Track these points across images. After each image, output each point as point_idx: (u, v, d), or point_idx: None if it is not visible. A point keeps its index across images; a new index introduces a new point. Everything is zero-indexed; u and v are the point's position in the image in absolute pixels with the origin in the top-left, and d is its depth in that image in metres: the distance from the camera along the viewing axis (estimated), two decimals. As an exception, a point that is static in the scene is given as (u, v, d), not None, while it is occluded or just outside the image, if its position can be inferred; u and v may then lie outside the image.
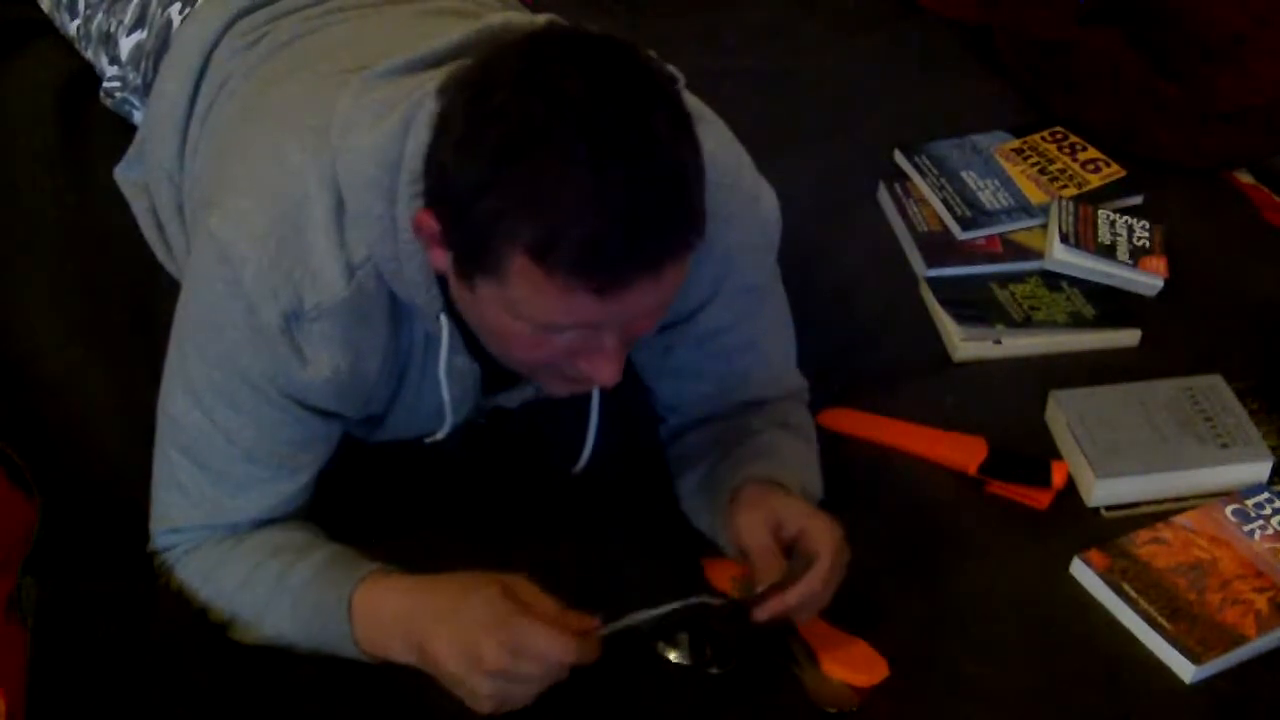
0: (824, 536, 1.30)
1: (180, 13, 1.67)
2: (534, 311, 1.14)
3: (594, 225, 1.08)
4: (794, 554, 1.31)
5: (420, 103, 1.19)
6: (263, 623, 1.31)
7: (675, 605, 1.28)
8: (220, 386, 1.28)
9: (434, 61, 1.26)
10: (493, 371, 1.36)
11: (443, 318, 1.27)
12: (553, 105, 1.08)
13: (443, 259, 1.19)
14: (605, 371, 1.20)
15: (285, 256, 1.23)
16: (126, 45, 1.77)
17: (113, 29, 1.80)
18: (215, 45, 1.56)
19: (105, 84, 1.85)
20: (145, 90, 1.72)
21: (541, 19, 1.30)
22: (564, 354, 1.20)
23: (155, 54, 1.70)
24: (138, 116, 1.79)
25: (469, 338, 1.30)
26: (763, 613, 1.29)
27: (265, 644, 1.31)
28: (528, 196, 1.09)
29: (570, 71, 1.10)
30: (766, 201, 1.40)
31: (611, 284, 1.11)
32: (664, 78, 1.15)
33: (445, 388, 1.33)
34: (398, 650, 1.26)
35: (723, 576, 1.40)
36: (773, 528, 1.32)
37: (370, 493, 1.47)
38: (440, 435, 1.40)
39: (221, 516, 1.33)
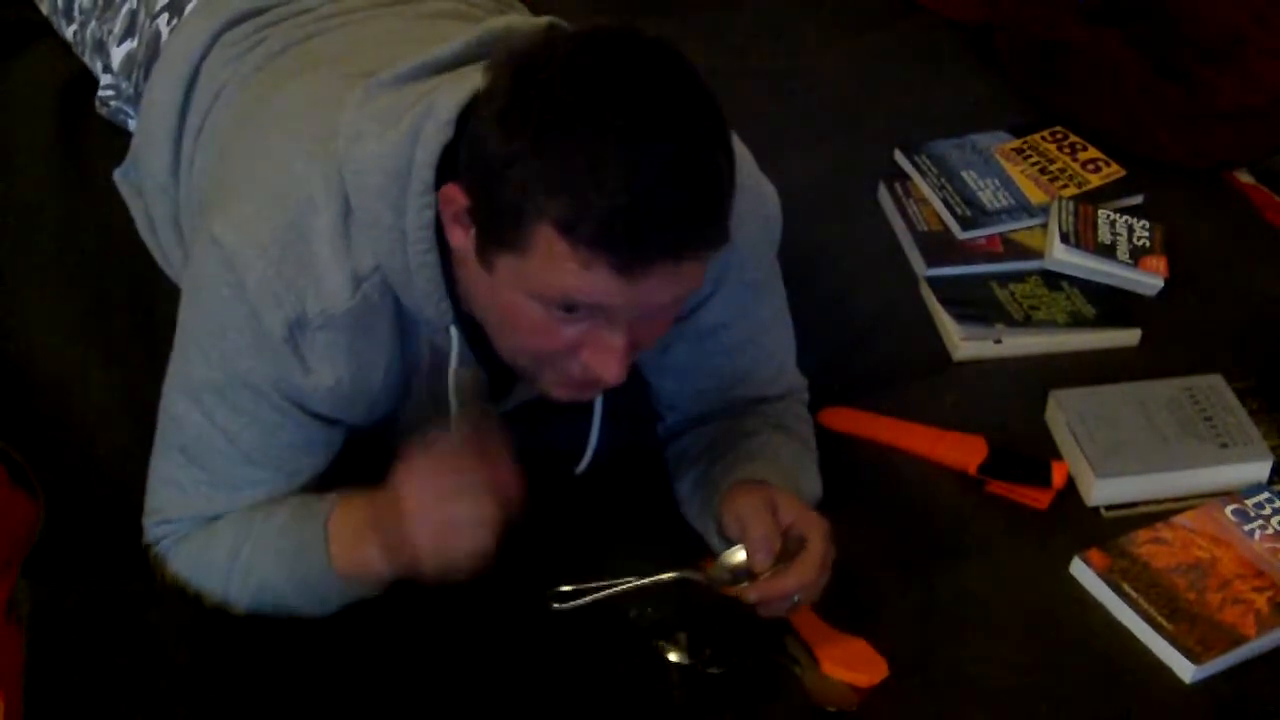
0: (815, 526, 1.31)
1: (168, 23, 1.66)
2: (551, 285, 1.14)
3: (623, 202, 1.09)
4: (785, 541, 1.31)
5: (428, 112, 1.19)
6: (250, 579, 1.31)
7: (669, 576, 1.29)
8: (222, 388, 1.28)
9: (437, 68, 1.26)
10: (498, 379, 1.36)
11: (452, 329, 1.27)
12: (600, 87, 1.10)
13: (463, 237, 1.19)
14: (609, 368, 1.20)
15: (289, 264, 1.23)
16: (118, 55, 1.76)
17: (104, 37, 1.80)
18: (205, 55, 1.55)
19: (100, 93, 1.84)
20: (139, 99, 1.71)
21: (543, 21, 1.30)
22: (572, 344, 1.20)
23: (146, 64, 1.69)
24: (133, 124, 1.79)
25: (477, 348, 1.30)
26: (753, 591, 1.29)
27: (260, 606, 1.31)
28: (562, 169, 1.09)
29: (621, 61, 1.13)
30: (768, 197, 1.41)
31: (631, 263, 1.11)
32: (707, 86, 1.16)
33: (453, 402, 1.33)
34: (370, 554, 1.26)
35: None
36: (770, 511, 1.31)
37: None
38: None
39: (214, 512, 1.33)
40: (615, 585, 1.27)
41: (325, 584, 1.29)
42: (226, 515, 1.33)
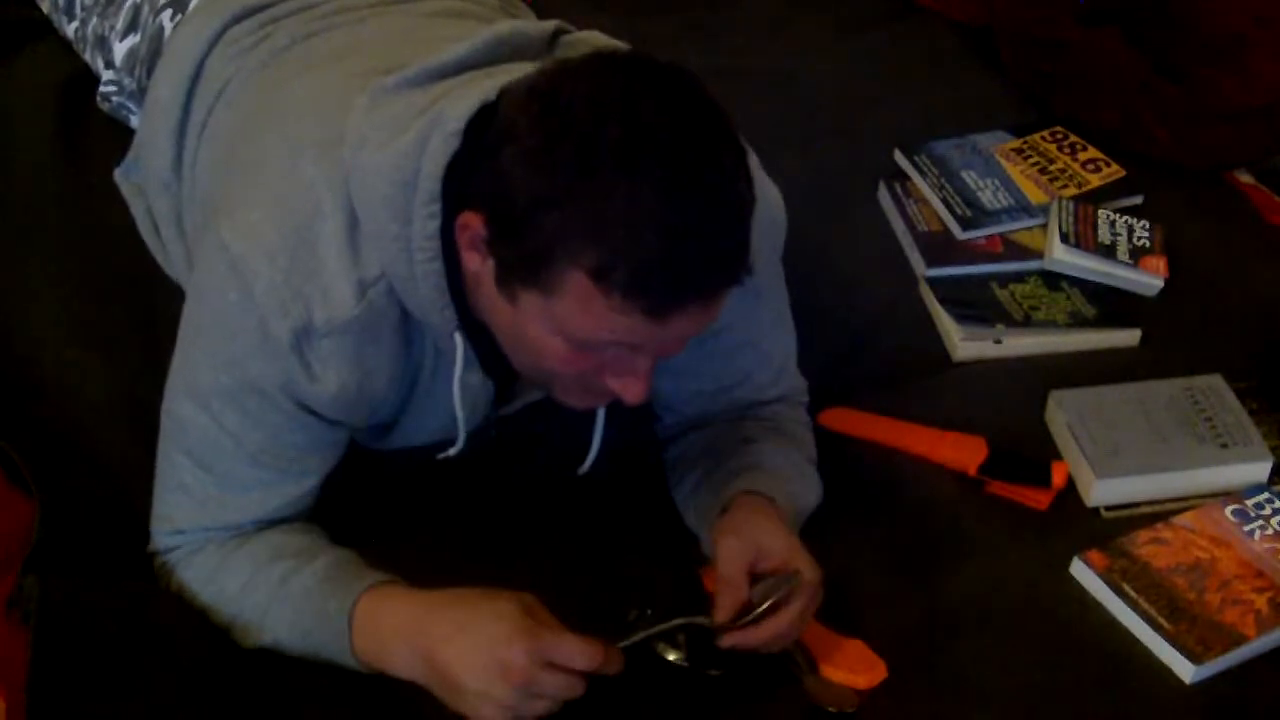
0: (806, 573, 1.30)
1: (172, 19, 1.66)
2: (580, 328, 1.15)
3: (657, 251, 1.10)
4: (775, 580, 1.30)
5: (436, 121, 1.19)
6: (262, 628, 1.30)
7: (677, 622, 1.29)
8: (228, 391, 1.28)
9: (444, 72, 1.26)
10: (503, 384, 1.36)
11: (457, 335, 1.27)
12: (630, 130, 1.10)
13: (479, 263, 1.19)
14: (634, 390, 1.22)
15: (297, 272, 1.23)
16: (120, 50, 1.77)
17: (106, 33, 1.80)
18: (209, 51, 1.55)
19: (101, 88, 1.84)
20: (141, 95, 1.71)
21: (549, 25, 1.30)
22: (595, 369, 1.20)
23: (149, 60, 1.69)
24: (135, 121, 1.79)
25: (481, 353, 1.30)
26: (727, 642, 1.29)
27: (262, 648, 1.31)
28: (596, 216, 1.10)
29: (645, 96, 1.12)
30: (772, 201, 1.40)
31: (664, 309, 1.12)
32: (721, 108, 1.16)
33: (458, 405, 1.33)
34: (401, 661, 1.26)
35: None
36: (753, 559, 1.31)
37: (375, 495, 1.47)
38: (453, 451, 1.40)
39: (225, 518, 1.33)
40: (637, 636, 1.27)
41: (339, 659, 1.29)
42: (246, 545, 1.32)
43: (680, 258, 1.11)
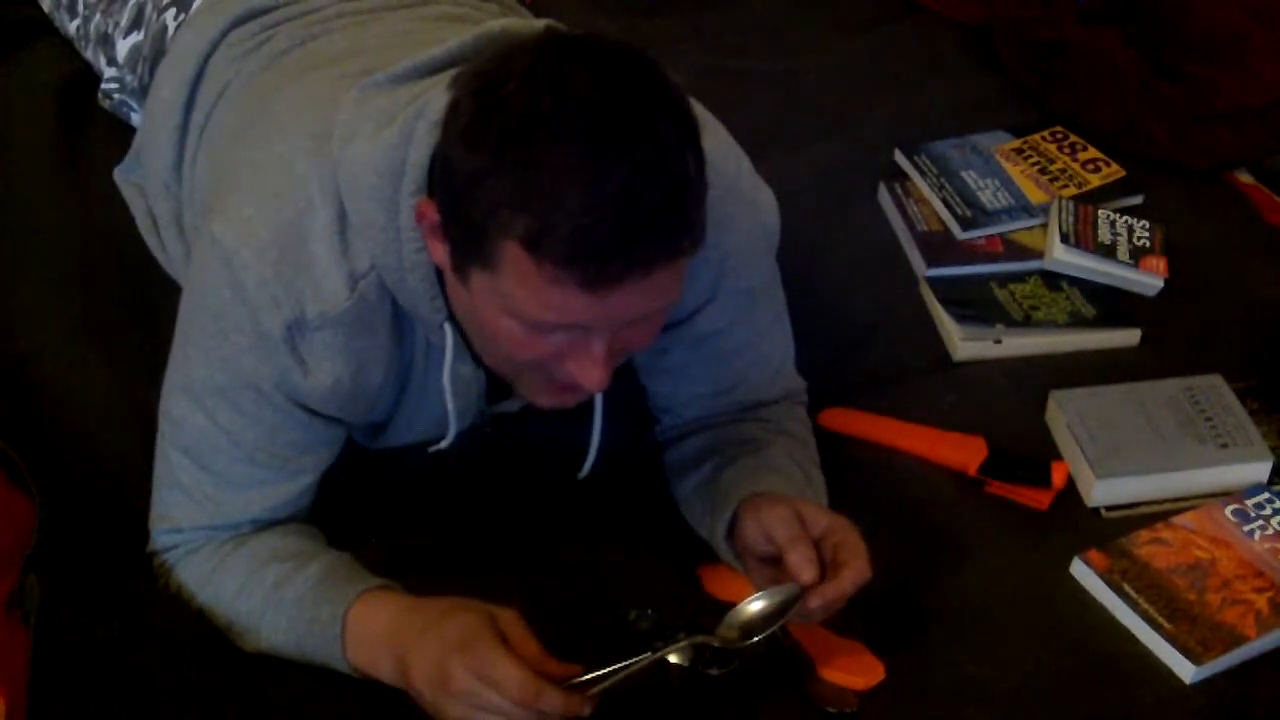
0: (852, 534, 1.30)
1: (175, 18, 1.67)
2: (523, 305, 1.13)
3: (586, 218, 1.08)
4: (820, 550, 1.30)
5: (421, 112, 1.19)
6: (259, 632, 1.30)
7: (666, 651, 1.27)
8: (224, 389, 1.28)
9: (433, 68, 1.26)
10: (496, 379, 1.36)
11: (446, 326, 1.27)
12: (559, 99, 1.09)
13: (440, 252, 1.19)
14: (591, 376, 1.19)
15: (288, 266, 1.23)
16: (123, 47, 1.77)
17: (110, 30, 1.80)
18: (211, 53, 1.55)
19: (103, 85, 1.85)
20: (143, 92, 1.72)
21: (541, 24, 1.30)
22: (553, 355, 1.19)
23: (152, 58, 1.69)
24: (136, 118, 1.79)
25: (473, 345, 1.30)
26: (816, 599, 1.27)
27: (260, 652, 1.31)
28: (525, 185, 1.08)
29: (580, 70, 1.10)
30: (765, 204, 1.40)
31: (598, 279, 1.10)
32: (674, 86, 1.14)
33: (449, 396, 1.33)
34: (384, 667, 1.25)
35: (719, 585, 1.40)
36: (800, 525, 1.30)
37: (375, 498, 1.47)
38: (444, 444, 1.40)
39: (223, 517, 1.33)
40: (628, 666, 1.24)
41: (333, 664, 1.29)
42: (243, 547, 1.32)
43: (610, 227, 1.08)
